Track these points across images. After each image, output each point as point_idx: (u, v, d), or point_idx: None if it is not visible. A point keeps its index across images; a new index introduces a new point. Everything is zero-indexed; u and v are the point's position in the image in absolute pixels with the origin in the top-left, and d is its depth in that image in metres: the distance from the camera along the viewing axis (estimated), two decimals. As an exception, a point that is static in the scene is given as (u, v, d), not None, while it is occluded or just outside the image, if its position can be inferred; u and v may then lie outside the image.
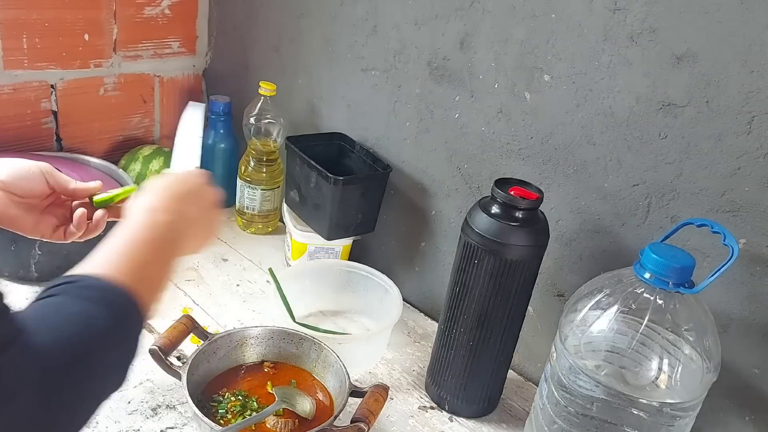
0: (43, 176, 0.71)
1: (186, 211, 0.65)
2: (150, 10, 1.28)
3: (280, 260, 1.23)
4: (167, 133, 1.43)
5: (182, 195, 0.67)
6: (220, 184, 1.33)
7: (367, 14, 1.09)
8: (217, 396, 0.82)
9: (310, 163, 1.07)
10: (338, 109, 1.20)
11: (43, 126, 1.22)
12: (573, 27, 0.84)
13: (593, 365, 0.72)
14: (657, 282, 0.69)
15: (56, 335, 0.46)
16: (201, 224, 0.68)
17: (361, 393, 0.80)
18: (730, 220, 0.76)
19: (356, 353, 0.94)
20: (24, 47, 1.14)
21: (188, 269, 1.15)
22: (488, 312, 0.84)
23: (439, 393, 0.93)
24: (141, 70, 1.32)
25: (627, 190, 0.84)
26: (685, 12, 0.74)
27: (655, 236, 0.82)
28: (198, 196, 0.69)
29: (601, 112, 0.84)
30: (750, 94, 0.71)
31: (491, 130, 0.97)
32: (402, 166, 1.11)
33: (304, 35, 1.21)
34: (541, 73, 0.89)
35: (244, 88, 1.35)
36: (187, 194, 0.67)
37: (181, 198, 0.66)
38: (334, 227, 1.09)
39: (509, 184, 0.82)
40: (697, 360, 0.70)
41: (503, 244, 0.79)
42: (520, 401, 0.97)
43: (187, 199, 0.67)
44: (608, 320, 0.72)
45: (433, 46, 1.01)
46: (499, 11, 0.91)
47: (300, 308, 1.03)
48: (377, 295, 1.05)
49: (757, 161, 0.72)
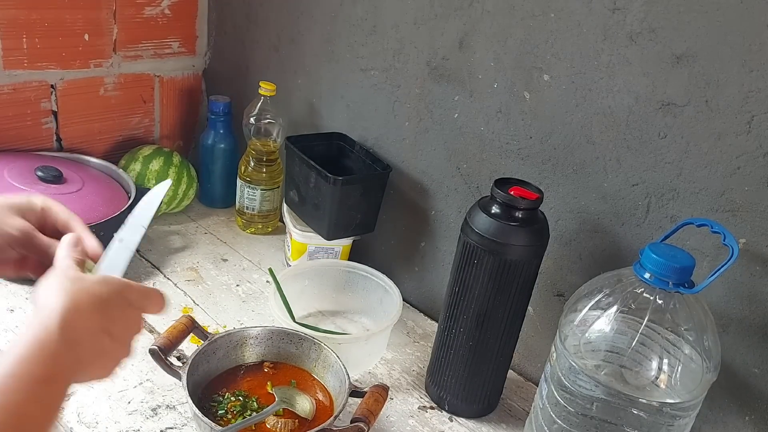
0: None
1: (97, 340, 0.53)
2: (150, 10, 1.28)
3: (280, 260, 1.23)
4: (167, 133, 1.43)
5: (104, 318, 0.53)
6: (220, 184, 1.35)
7: (367, 14, 1.09)
8: (217, 396, 0.82)
9: (310, 163, 1.07)
10: (338, 109, 1.20)
11: (43, 126, 1.22)
12: (572, 27, 0.84)
13: (593, 365, 0.72)
14: (657, 282, 0.69)
15: None
16: (107, 359, 0.55)
17: (360, 393, 0.80)
18: (729, 219, 0.76)
19: (356, 353, 0.94)
20: (24, 47, 1.14)
21: (188, 269, 1.15)
22: (488, 312, 0.84)
23: (439, 393, 0.93)
24: (141, 70, 1.32)
25: (626, 190, 0.84)
26: (684, 11, 0.74)
27: (655, 236, 0.82)
28: (118, 324, 0.55)
29: (601, 112, 0.84)
30: (749, 94, 0.71)
31: (490, 130, 0.97)
32: (401, 166, 1.11)
33: (303, 35, 1.21)
34: (540, 72, 0.89)
35: (244, 88, 1.35)
36: (108, 318, 0.54)
37: (101, 322, 0.53)
38: (333, 227, 1.09)
39: (509, 184, 0.82)
40: (697, 360, 0.70)
41: (503, 244, 0.79)
42: (519, 401, 0.97)
43: (106, 323, 0.53)
44: (608, 320, 0.72)
45: (433, 45, 1.01)
46: (498, 11, 0.91)
47: (300, 308, 1.03)
48: (377, 295, 1.05)
49: (757, 161, 0.72)
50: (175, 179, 1.26)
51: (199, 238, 1.26)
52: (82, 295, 0.53)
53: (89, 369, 0.54)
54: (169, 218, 1.30)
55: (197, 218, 1.33)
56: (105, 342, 0.54)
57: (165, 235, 1.25)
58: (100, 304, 0.53)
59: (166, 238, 1.24)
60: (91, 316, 0.52)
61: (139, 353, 0.93)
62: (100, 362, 0.55)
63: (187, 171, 1.29)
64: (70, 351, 0.50)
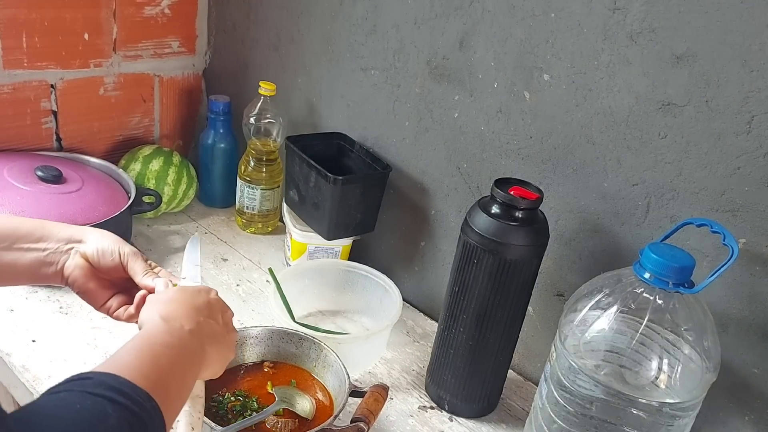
0: (119, 260, 0.71)
1: (205, 324, 0.63)
2: (150, 9, 1.28)
3: (280, 260, 1.23)
4: (167, 133, 1.43)
5: (200, 308, 0.65)
6: (220, 184, 1.35)
7: (367, 13, 1.09)
8: (217, 396, 0.82)
9: (310, 163, 1.07)
10: (338, 108, 1.20)
11: (43, 126, 1.22)
12: (572, 26, 0.84)
13: (593, 365, 0.72)
14: (656, 282, 0.69)
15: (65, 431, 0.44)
16: (222, 341, 0.66)
17: (360, 393, 0.80)
18: (729, 219, 0.76)
19: (356, 353, 0.94)
20: (24, 47, 1.14)
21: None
22: (488, 312, 0.84)
23: (439, 393, 0.93)
24: (141, 70, 1.32)
25: (626, 190, 0.84)
26: (684, 11, 0.74)
27: (655, 236, 0.82)
28: (215, 311, 0.67)
29: (601, 112, 0.84)
30: (750, 94, 0.71)
31: (491, 130, 0.97)
32: (402, 165, 1.11)
33: (303, 35, 1.21)
34: (540, 72, 0.89)
35: (243, 88, 1.35)
36: (205, 308, 0.65)
37: (199, 310, 0.64)
38: (333, 227, 1.09)
39: (509, 183, 0.82)
40: (697, 360, 0.70)
41: (503, 243, 0.79)
42: (519, 401, 0.97)
43: (205, 312, 0.65)
44: (608, 320, 0.72)
45: (433, 45, 1.01)
46: (498, 10, 0.91)
47: (299, 308, 1.03)
48: (377, 294, 1.05)
49: (757, 161, 0.72)
50: (175, 179, 1.26)
51: (200, 237, 1.26)
52: (175, 294, 0.66)
53: (212, 355, 0.63)
54: (169, 218, 1.30)
55: (197, 218, 1.33)
56: (213, 326, 0.64)
57: (165, 234, 1.25)
58: (189, 299, 0.65)
59: (166, 238, 1.24)
60: (184, 306, 0.63)
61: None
62: (218, 344, 0.64)
63: (187, 171, 1.29)
64: (193, 335, 0.60)
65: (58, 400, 0.46)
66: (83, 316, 0.98)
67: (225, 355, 0.67)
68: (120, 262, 0.71)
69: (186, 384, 0.58)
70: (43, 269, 0.68)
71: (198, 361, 0.61)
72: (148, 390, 0.50)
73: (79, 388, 0.47)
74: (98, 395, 0.46)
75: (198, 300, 0.66)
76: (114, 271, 0.71)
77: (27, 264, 0.67)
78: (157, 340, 0.57)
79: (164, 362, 0.55)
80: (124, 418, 0.46)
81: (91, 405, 0.46)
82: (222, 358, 0.67)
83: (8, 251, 0.66)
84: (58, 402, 0.46)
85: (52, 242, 0.69)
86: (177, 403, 0.56)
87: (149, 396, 0.49)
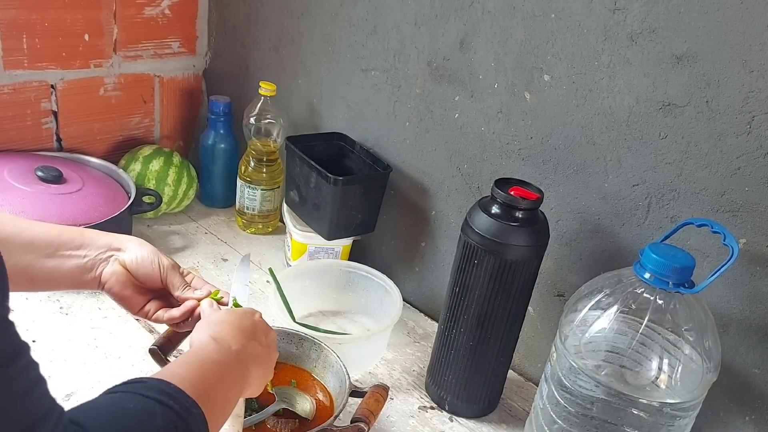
0: (158, 273, 0.74)
1: (250, 346, 0.66)
2: (150, 10, 1.28)
3: (280, 260, 1.23)
4: (167, 133, 1.43)
5: (246, 330, 0.67)
6: (220, 184, 1.35)
7: (367, 14, 1.09)
8: (217, 396, 0.82)
9: (310, 163, 1.07)
10: (338, 109, 1.20)
11: (43, 126, 1.22)
12: (573, 27, 0.84)
13: (593, 365, 0.72)
14: (657, 282, 0.69)
15: (113, 428, 0.47)
16: (263, 362, 0.69)
17: (361, 393, 0.80)
18: (730, 220, 0.76)
19: (356, 353, 0.94)
20: (24, 47, 1.14)
21: (189, 269, 1.14)
22: (488, 312, 0.84)
23: (439, 393, 0.93)
24: (141, 70, 1.32)
25: (627, 190, 0.84)
26: (684, 12, 0.74)
27: (655, 236, 0.82)
28: (259, 334, 0.69)
29: (601, 112, 0.84)
30: (750, 94, 0.71)
31: (491, 130, 0.97)
32: (402, 166, 1.11)
33: (304, 35, 1.21)
34: (540, 73, 0.89)
35: (244, 88, 1.35)
36: (251, 331, 0.68)
37: (245, 332, 0.67)
38: (334, 227, 1.09)
39: (509, 184, 0.82)
40: (697, 360, 0.70)
41: (503, 244, 0.79)
42: (520, 401, 0.97)
43: (250, 335, 0.67)
44: (608, 320, 0.72)
45: (433, 46, 1.01)
46: (498, 11, 0.91)
47: (300, 308, 1.03)
48: (377, 295, 1.05)
49: (757, 161, 0.72)
50: (176, 179, 1.26)
51: (200, 238, 1.26)
52: (225, 316, 0.69)
53: (255, 375, 0.65)
54: (169, 218, 1.30)
55: (197, 218, 1.33)
56: (257, 347, 0.67)
57: (165, 235, 1.25)
58: (237, 321, 0.68)
59: (167, 238, 1.24)
60: (246, 333, 0.67)
61: (139, 353, 0.93)
62: (260, 365, 0.67)
63: (187, 171, 1.29)
64: (239, 355, 0.63)
65: (113, 399, 0.50)
66: (83, 317, 0.98)
67: (266, 376, 0.70)
68: (159, 273, 0.74)
69: (230, 399, 0.61)
70: (82, 275, 0.71)
71: (242, 379, 0.64)
72: (196, 399, 0.53)
73: (133, 390, 0.51)
74: (149, 397, 0.50)
75: (245, 322, 0.69)
76: (150, 280, 0.74)
77: (68, 270, 0.69)
78: (206, 356, 0.60)
79: (212, 377, 0.58)
80: (170, 420, 0.49)
81: (142, 405, 0.49)
82: (263, 378, 0.69)
83: (52, 258, 0.68)
84: (114, 400, 0.50)
85: (92, 249, 0.71)
86: (220, 416, 0.59)
87: (196, 404, 0.52)
